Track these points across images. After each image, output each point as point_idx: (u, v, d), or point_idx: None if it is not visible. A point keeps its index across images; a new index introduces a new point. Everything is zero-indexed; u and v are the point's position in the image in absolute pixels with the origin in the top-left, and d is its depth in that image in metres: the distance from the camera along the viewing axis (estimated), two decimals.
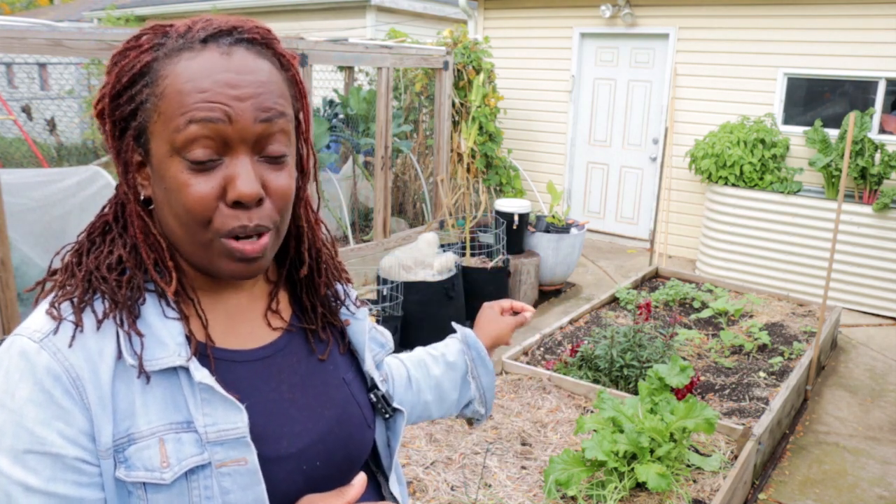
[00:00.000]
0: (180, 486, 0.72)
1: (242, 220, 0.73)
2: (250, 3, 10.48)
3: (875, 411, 3.94)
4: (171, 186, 0.73)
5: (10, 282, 3.56)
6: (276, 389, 0.83)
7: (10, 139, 9.32)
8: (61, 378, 0.70)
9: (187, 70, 0.72)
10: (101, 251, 0.78)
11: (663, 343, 3.75)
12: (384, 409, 0.94)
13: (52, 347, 0.71)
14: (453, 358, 1.22)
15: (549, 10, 7.20)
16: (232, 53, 0.73)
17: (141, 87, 0.73)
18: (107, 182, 4.41)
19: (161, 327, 0.76)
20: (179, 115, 0.71)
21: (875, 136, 5.66)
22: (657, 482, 2.51)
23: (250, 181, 0.72)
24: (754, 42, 6.13)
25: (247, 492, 0.74)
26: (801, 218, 5.58)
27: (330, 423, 0.86)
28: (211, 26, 0.75)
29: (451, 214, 5.73)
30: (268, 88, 0.74)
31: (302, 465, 0.81)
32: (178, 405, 0.74)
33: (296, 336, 0.89)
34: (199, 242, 0.75)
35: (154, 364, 0.73)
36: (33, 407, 0.69)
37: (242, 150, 0.73)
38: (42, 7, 21.75)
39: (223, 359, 0.81)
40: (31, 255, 4.08)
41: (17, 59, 9.21)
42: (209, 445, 0.73)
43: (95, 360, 0.72)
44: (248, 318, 0.86)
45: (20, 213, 3.99)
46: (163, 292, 0.77)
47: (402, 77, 6.28)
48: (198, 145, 0.71)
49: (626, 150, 7.20)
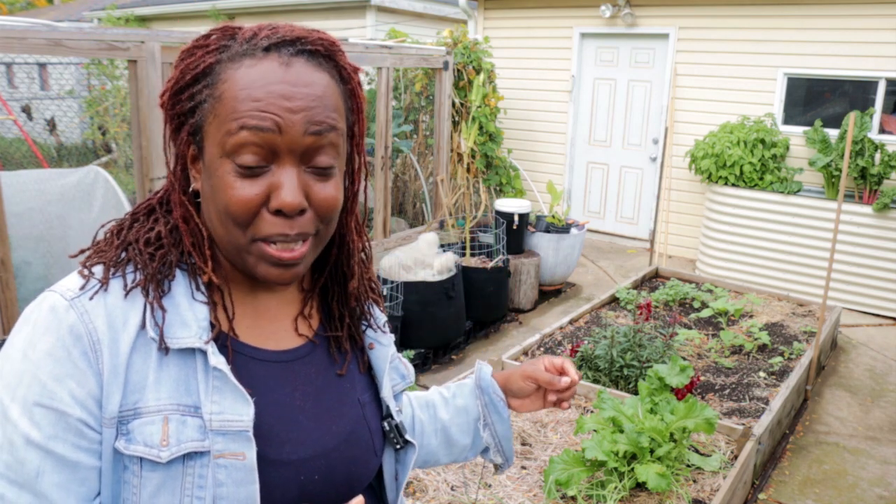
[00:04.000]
0: (176, 468, 0.73)
1: (283, 228, 0.75)
2: (250, 3, 10.47)
3: (875, 411, 3.94)
4: (218, 185, 0.75)
5: (10, 282, 3.56)
6: (289, 395, 0.83)
7: (10, 139, 9.31)
8: (82, 339, 0.72)
9: (245, 77, 0.73)
10: (143, 227, 0.81)
11: (663, 343, 3.75)
12: (395, 440, 0.93)
13: (81, 308, 0.73)
14: (463, 402, 1.14)
15: (549, 10, 7.20)
16: (291, 64, 0.74)
17: (202, 87, 0.75)
18: (107, 182, 4.41)
19: (187, 308, 0.77)
20: (232, 120, 0.73)
21: (875, 136, 5.66)
22: (657, 482, 2.51)
23: (294, 192, 0.74)
24: (754, 42, 6.13)
25: (239, 488, 0.74)
26: (801, 218, 5.58)
27: (336, 439, 0.85)
28: (276, 35, 0.76)
29: (451, 214, 5.73)
30: (321, 102, 0.75)
31: (300, 476, 0.81)
32: (189, 388, 0.75)
33: (319, 348, 0.89)
34: (237, 243, 0.77)
35: (174, 342, 0.75)
36: (51, 361, 0.71)
37: (290, 160, 0.74)
38: (41, 7, 21.75)
39: (243, 353, 0.81)
40: (32, 255, 4.08)
41: (17, 59, 9.21)
42: (211, 434, 0.74)
43: (118, 328, 0.74)
44: (276, 320, 0.86)
45: (20, 214, 3.99)
46: (195, 275, 0.79)
47: (402, 77, 6.28)
48: (246, 151, 0.73)
49: (626, 150, 7.20)
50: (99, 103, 8.22)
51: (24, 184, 4.16)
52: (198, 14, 11.36)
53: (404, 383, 1.02)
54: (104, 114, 8.12)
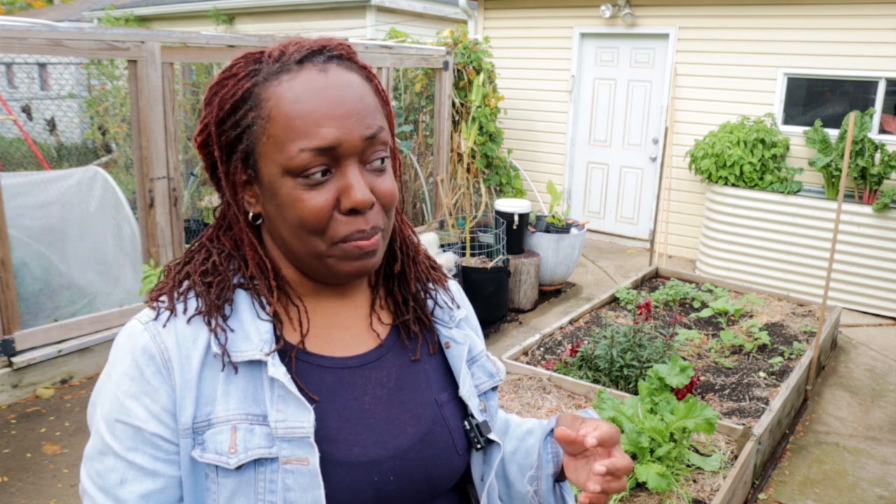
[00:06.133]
0: (248, 474, 0.76)
1: (360, 224, 0.78)
2: (250, 3, 10.47)
3: (875, 411, 3.94)
4: (285, 202, 0.77)
5: (10, 282, 3.56)
6: (359, 398, 0.85)
7: (10, 139, 9.31)
8: (155, 358, 0.77)
9: (291, 91, 0.76)
10: (198, 259, 0.85)
11: (663, 343, 3.75)
12: (476, 439, 0.91)
13: (154, 330, 0.79)
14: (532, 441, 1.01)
15: (549, 10, 7.19)
16: (327, 70, 0.77)
17: (245, 111, 0.77)
18: (106, 182, 4.41)
19: (250, 323, 0.81)
20: (290, 141, 0.75)
21: (875, 136, 5.66)
22: (657, 482, 2.51)
23: (363, 189, 0.77)
24: (754, 42, 6.13)
25: (306, 493, 0.76)
26: (801, 218, 5.58)
27: (411, 440, 0.85)
28: (304, 47, 0.79)
29: (451, 214, 5.73)
30: (366, 104, 0.78)
31: (373, 477, 0.81)
32: (257, 398, 0.78)
33: (391, 350, 0.90)
34: (316, 252, 0.79)
35: (237, 356, 0.78)
36: (128, 381, 0.78)
37: (351, 161, 0.77)
38: (41, 7, 21.75)
39: (309, 362, 0.84)
40: (31, 255, 4.08)
41: (17, 59, 9.21)
42: (278, 441, 0.77)
43: (189, 346, 0.78)
44: (347, 326, 0.89)
45: (20, 214, 3.99)
46: (259, 295, 0.83)
47: (402, 77, 6.28)
48: (311, 168, 0.75)
49: (626, 150, 7.20)
50: (99, 103, 8.22)
51: (24, 184, 4.16)
52: (198, 14, 11.36)
53: (492, 381, 0.99)
54: (104, 114, 8.12)
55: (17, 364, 3.65)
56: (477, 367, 0.97)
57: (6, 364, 3.65)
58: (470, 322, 1.02)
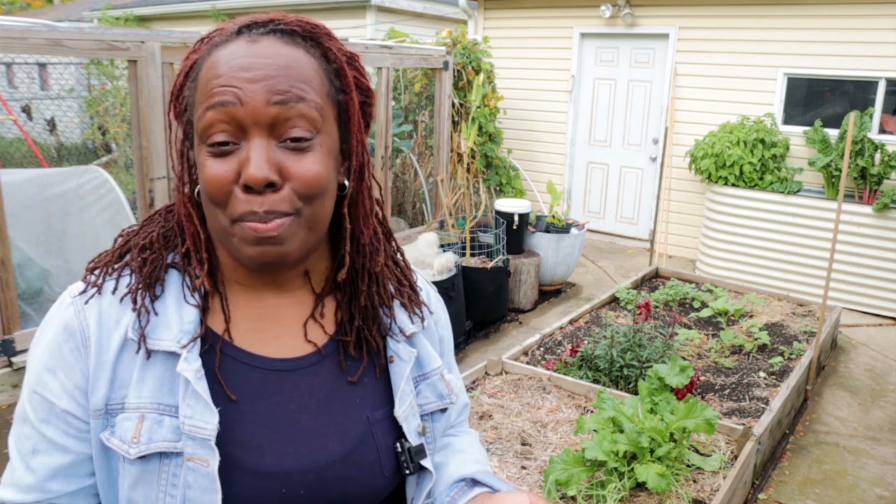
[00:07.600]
0: (153, 464, 0.74)
1: (253, 205, 0.71)
2: (250, 3, 10.47)
3: (875, 411, 3.94)
4: (200, 170, 0.75)
5: (10, 282, 3.56)
6: (283, 405, 0.80)
7: (10, 139, 9.31)
8: (75, 334, 0.76)
9: (215, 58, 0.74)
10: (143, 232, 0.83)
11: (663, 343, 3.75)
12: (406, 464, 0.84)
13: (78, 305, 0.78)
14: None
15: (548, 10, 7.19)
16: (258, 41, 0.74)
17: (189, 83, 0.77)
18: (106, 182, 4.41)
19: (174, 310, 0.78)
20: (199, 104, 0.74)
21: (875, 136, 5.66)
22: (657, 482, 2.51)
23: (260, 165, 0.70)
24: (754, 42, 6.13)
25: (204, 494, 0.74)
26: (801, 218, 5.58)
27: (332, 456, 0.80)
28: (250, 20, 0.76)
29: (451, 214, 5.73)
30: (286, 72, 0.72)
31: (281, 489, 0.77)
32: (172, 389, 0.76)
33: (329, 358, 0.84)
34: (221, 227, 0.75)
35: (155, 343, 0.76)
36: (48, 354, 0.77)
37: (257, 133, 0.72)
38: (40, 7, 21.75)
39: (235, 358, 0.79)
40: (31, 255, 4.08)
41: (17, 59, 9.21)
42: (185, 436, 0.74)
43: (111, 326, 0.77)
44: (282, 325, 0.83)
45: (20, 213, 3.99)
46: (190, 278, 0.80)
47: (401, 77, 6.28)
48: (215, 129, 0.72)
49: (626, 150, 7.20)
50: (99, 103, 8.22)
51: (23, 183, 4.16)
52: (198, 14, 11.36)
53: (440, 403, 0.91)
54: (104, 114, 8.12)
55: (17, 364, 3.65)
56: (426, 384, 0.90)
57: (6, 364, 3.65)
58: (435, 332, 0.96)
